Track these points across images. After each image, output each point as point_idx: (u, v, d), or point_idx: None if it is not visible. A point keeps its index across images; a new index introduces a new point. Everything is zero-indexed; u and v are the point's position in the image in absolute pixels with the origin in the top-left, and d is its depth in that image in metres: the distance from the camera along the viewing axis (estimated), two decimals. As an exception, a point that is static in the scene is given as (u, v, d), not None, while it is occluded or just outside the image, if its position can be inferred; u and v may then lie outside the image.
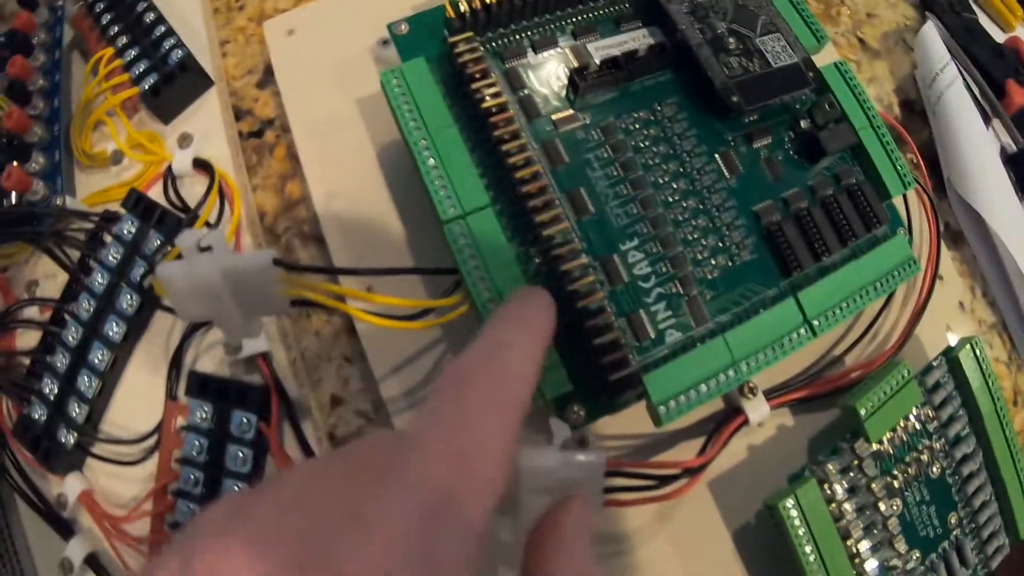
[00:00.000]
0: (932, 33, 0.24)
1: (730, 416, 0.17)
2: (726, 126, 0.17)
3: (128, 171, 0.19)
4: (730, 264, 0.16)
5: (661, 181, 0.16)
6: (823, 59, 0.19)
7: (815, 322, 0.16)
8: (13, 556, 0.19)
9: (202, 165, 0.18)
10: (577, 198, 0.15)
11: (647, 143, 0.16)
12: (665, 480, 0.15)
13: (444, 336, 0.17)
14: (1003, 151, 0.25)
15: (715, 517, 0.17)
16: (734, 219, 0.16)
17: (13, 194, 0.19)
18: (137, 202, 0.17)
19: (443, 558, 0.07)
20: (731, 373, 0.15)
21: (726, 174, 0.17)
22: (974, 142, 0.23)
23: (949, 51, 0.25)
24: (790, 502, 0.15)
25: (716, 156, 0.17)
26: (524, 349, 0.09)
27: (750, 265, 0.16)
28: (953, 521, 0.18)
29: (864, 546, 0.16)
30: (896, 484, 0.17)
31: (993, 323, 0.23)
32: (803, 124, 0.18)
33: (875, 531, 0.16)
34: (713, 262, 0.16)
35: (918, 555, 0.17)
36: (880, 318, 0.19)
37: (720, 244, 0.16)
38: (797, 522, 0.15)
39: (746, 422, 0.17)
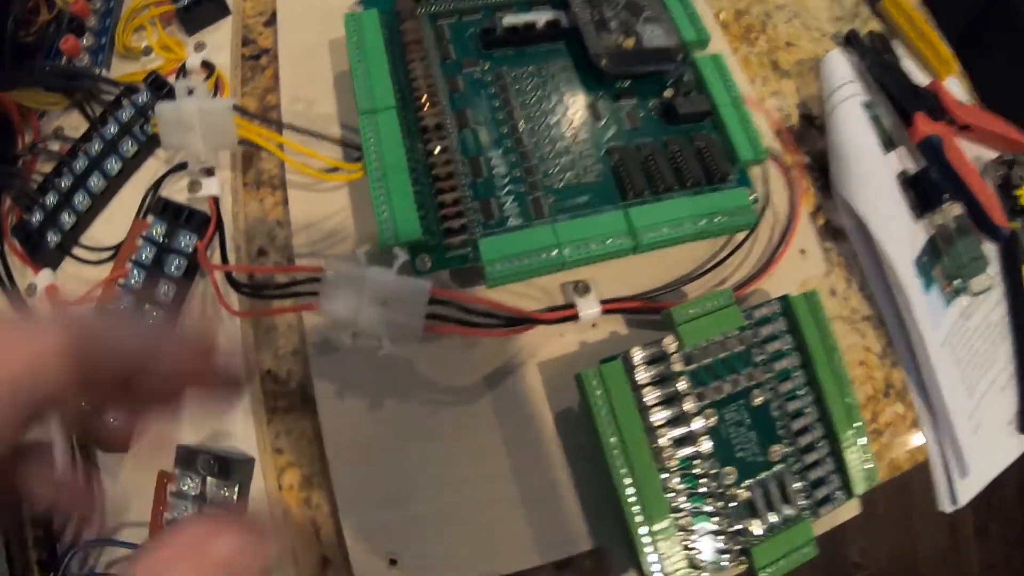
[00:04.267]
0: (838, 58, 0.33)
1: (564, 308, 0.24)
2: (601, 86, 0.26)
3: (153, 63, 0.30)
4: (577, 181, 0.24)
5: (532, 115, 0.25)
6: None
7: (639, 232, 0.23)
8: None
9: (207, 65, 0.28)
10: (463, 116, 0.25)
11: (528, 88, 0.26)
12: (485, 326, 0.22)
13: (343, 206, 0.25)
14: (904, 173, 0.32)
15: (540, 395, 0.24)
16: (587, 149, 0.25)
17: (64, 57, 0.29)
18: (155, 80, 0.27)
19: None
20: (554, 253, 0.22)
21: (590, 119, 0.25)
22: (858, 151, 0.31)
23: (860, 79, 0.33)
24: (592, 372, 0.22)
25: (586, 105, 0.26)
26: None
27: (594, 185, 0.24)
28: (776, 455, 0.22)
29: (665, 439, 0.21)
30: (711, 397, 0.22)
31: (869, 315, 0.29)
32: (667, 93, 0.26)
33: (680, 427, 0.21)
34: (562, 176, 0.24)
35: (734, 472, 0.22)
36: (730, 260, 0.26)
37: (571, 164, 0.25)
38: (598, 392, 0.21)
39: (576, 316, 0.24)
